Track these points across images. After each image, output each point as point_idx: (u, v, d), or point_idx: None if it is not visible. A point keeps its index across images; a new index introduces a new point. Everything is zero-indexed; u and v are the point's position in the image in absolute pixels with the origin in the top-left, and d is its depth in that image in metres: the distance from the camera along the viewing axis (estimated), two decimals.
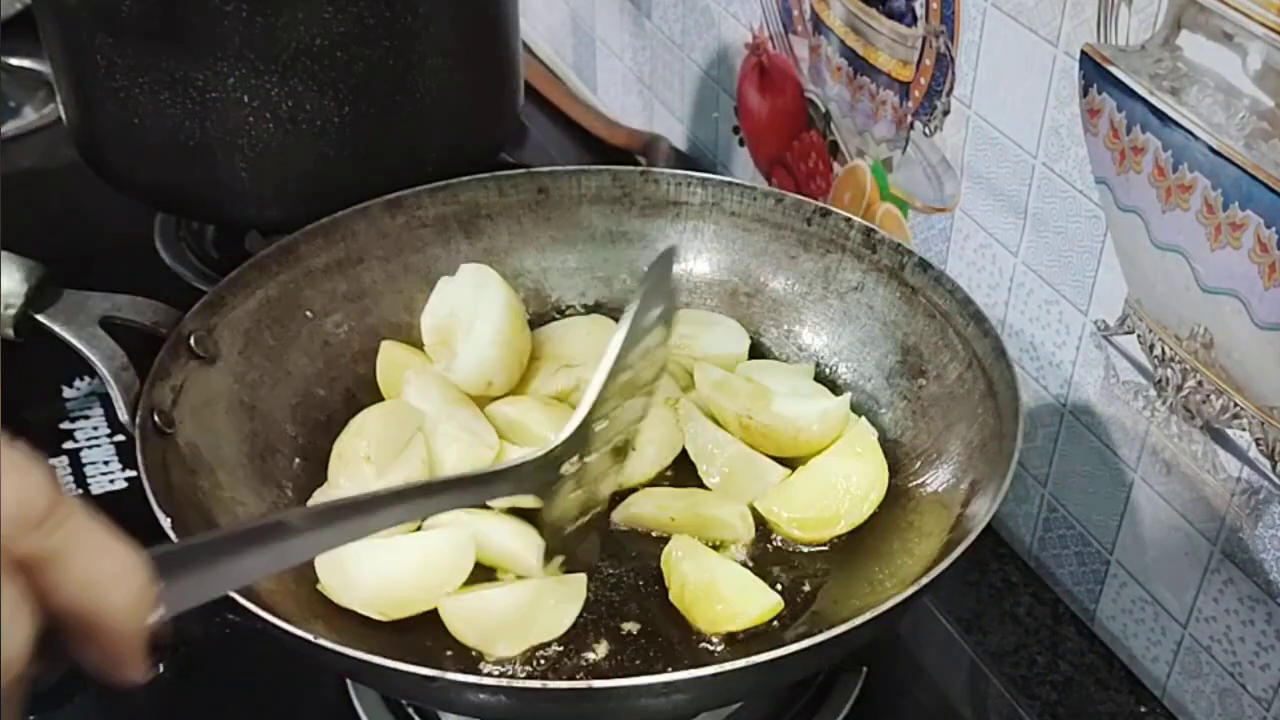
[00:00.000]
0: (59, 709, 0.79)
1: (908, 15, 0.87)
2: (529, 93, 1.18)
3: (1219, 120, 0.65)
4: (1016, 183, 0.81)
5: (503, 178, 0.92)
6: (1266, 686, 0.73)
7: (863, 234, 0.87)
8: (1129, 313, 0.76)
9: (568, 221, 0.93)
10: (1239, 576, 0.73)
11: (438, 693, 0.64)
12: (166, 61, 0.89)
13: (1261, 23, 0.62)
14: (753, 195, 0.91)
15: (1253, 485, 0.70)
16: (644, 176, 0.92)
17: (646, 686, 0.60)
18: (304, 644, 0.61)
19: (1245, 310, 0.67)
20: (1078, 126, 0.75)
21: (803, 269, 0.90)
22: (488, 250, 0.92)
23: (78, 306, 0.79)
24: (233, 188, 0.94)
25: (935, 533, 0.74)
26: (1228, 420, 0.70)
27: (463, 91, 1.00)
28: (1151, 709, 0.80)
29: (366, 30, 0.91)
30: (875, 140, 0.94)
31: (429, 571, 0.72)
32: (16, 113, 1.30)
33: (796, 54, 1.01)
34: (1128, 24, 0.70)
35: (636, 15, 1.23)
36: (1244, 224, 0.65)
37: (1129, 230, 0.73)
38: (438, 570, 0.73)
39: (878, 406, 0.85)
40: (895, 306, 0.86)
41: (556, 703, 0.62)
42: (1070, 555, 0.85)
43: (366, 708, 0.76)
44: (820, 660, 0.71)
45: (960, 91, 0.84)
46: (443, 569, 0.73)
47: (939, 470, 0.79)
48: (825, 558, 0.77)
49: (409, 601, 0.72)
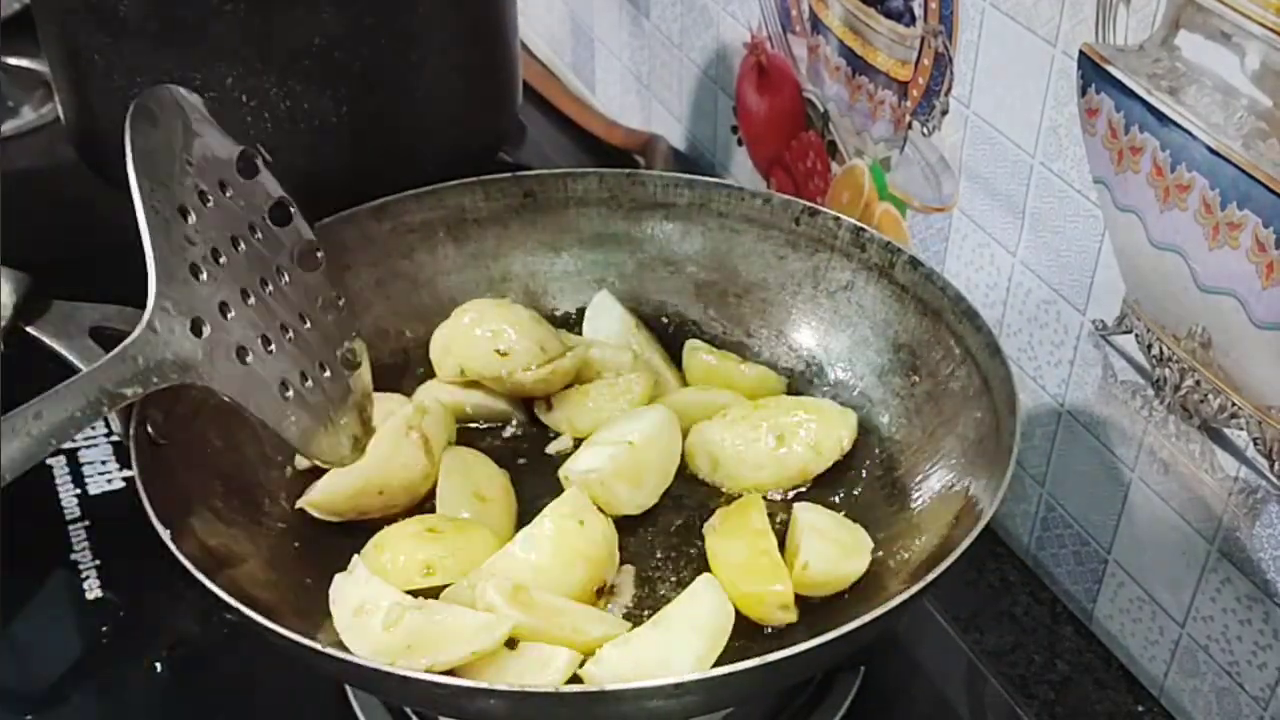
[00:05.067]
0: (59, 709, 0.79)
1: (906, 15, 0.87)
2: (527, 92, 1.19)
3: (1217, 120, 0.66)
4: (1015, 182, 0.81)
5: (489, 181, 0.92)
6: (1264, 685, 0.73)
7: (851, 233, 0.87)
8: (1127, 312, 0.76)
9: (555, 225, 0.93)
10: (1236, 576, 0.73)
11: (446, 699, 0.64)
12: (164, 61, 0.89)
13: (1260, 22, 0.62)
14: (740, 196, 0.91)
15: (1250, 485, 0.70)
16: (631, 178, 0.92)
17: (656, 688, 0.60)
18: (306, 651, 0.61)
19: (1243, 310, 0.67)
20: (1076, 126, 0.75)
21: (791, 269, 0.90)
22: (475, 255, 0.92)
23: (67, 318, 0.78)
24: None
25: (934, 531, 0.74)
26: (1225, 420, 0.71)
27: (461, 91, 1.00)
28: (1149, 708, 0.80)
29: (364, 30, 0.91)
30: (873, 140, 0.94)
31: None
32: (15, 112, 1.30)
33: (795, 54, 1.01)
34: (1126, 24, 0.70)
35: (635, 15, 1.23)
36: (1242, 223, 0.65)
37: (1127, 230, 0.73)
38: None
39: (872, 406, 0.85)
40: (886, 305, 0.85)
41: (566, 706, 0.62)
42: (1068, 554, 0.85)
43: (364, 707, 0.76)
44: (822, 661, 0.71)
45: (958, 91, 0.84)
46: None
47: (936, 469, 0.79)
48: None
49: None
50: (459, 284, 0.92)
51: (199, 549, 0.68)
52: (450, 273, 0.92)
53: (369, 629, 0.67)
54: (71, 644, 0.82)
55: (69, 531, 0.87)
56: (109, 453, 0.93)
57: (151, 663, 0.80)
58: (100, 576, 0.84)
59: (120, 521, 0.81)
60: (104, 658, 0.81)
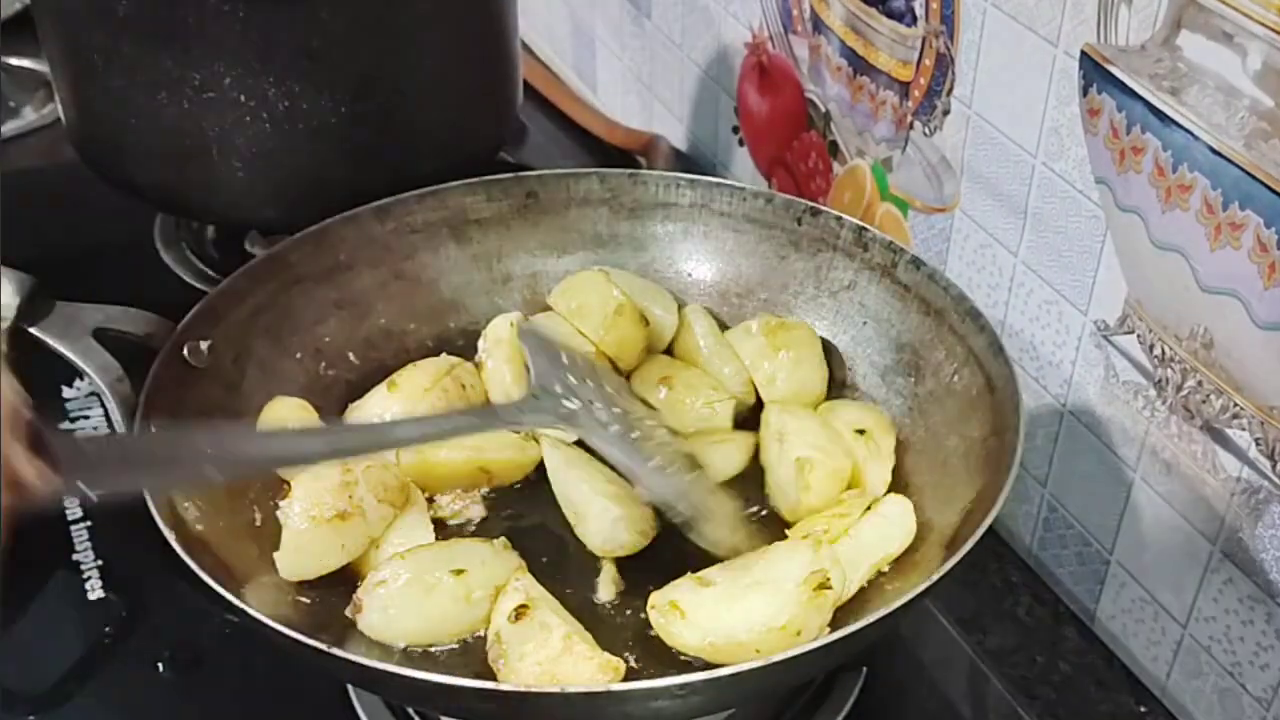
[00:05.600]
0: (62, 709, 0.79)
1: (908, 15, 0.87)
2: (528, 92, 1.18)
3: (1219, 120, 0.65)
4: (1016, 183, 0.81)
5: (491, 182, 0.92)
6: (1266, 686, 0.73)
7: (854, 232, 0.87)
8: (1129, 313, 0.75)
9: (557, 225, 0.93)
10: (1239, 576, 0.73)
11: (448, 699, 0.64)
12: (164, 61, 0.89)
13: (1261, 23, 0.62)
14: (742, 196, 0.91)
15: (1252, 485, 0.70)
16: (632, 179, 0.92)
17: (663, 689, 0.60)
18: (310, 651, 0.61)
19: (1245, 310, 0.67)
20: (1078, 126, 0.75)
21: (794, 268, 0.90)
22: (477, 255, 0.92)
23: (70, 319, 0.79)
24: (230, 187, 0.94)
25: (937, 531, 0.74)
26: (1227, 420, 0.70)
27: (461, 91, 1.00)
28: (1151, 709, 0.80)
29: (364, 30, 0.91)
30: (875, 140, 0.94)
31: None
32: (16, 113, 1.30)
33: (796, 54, 1.01)
34: (1128, 24, 0.70)
35: (636, 15, 1.23)
36: (1244, 224, 0.65)
37: (1129, 230, 0.73)
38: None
39: (874, 406, 0.85)
40: (888, 304, 0.85)
41: (570, 706, 0.62)
42: (1070, 555, 0.85)
43: (366, 706, 0.76)
44: (825, 661, 0.71)
45: (960, 91, 0.84)
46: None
47: (940, 468, 0.79)
48: None
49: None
50: (461, 284, 0.92)
51: (201, 549, 0.68)
52: (452, 273, 0.92)
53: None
54: (74, 644, 0.82)
55: (71, 532, 0.87)
56: None
57: (154, 663, 0.80)
58: (102, 577, 0.84)
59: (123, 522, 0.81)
60: (106, 658, 0.81)
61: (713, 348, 0.87)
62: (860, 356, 0.87)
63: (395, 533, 0.75)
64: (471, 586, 0.70)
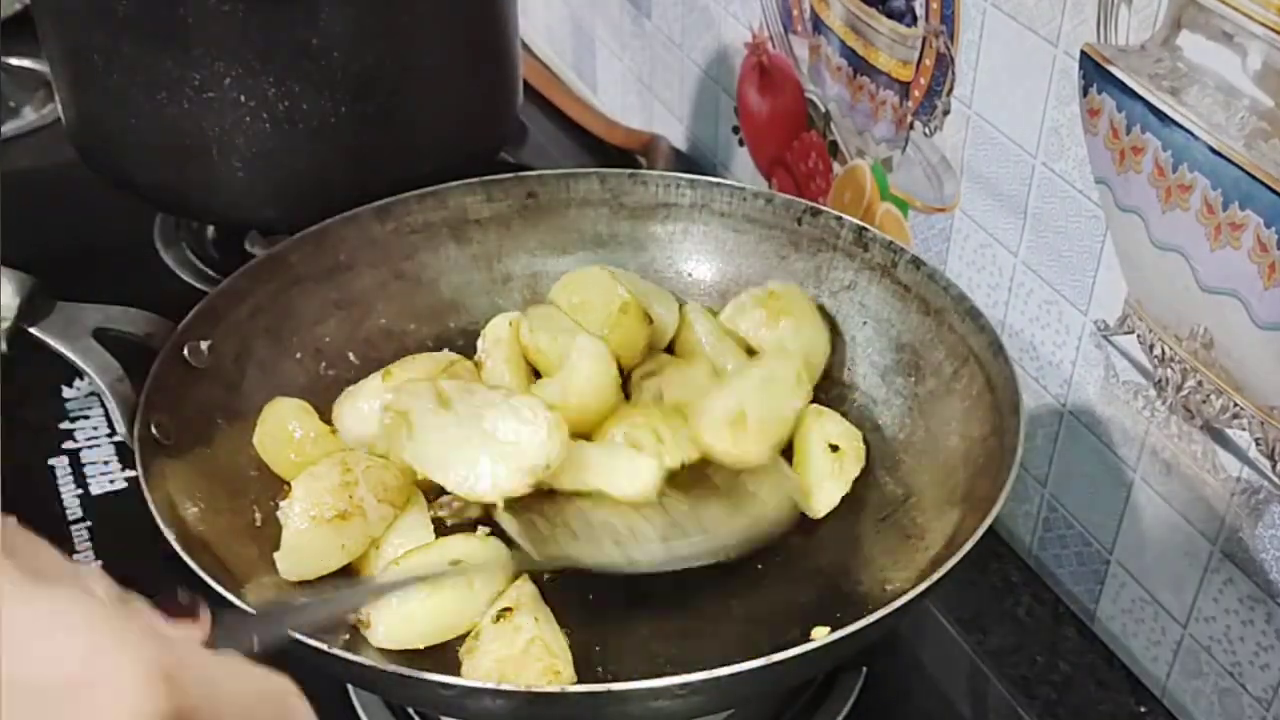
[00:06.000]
0: None
1: (908, 15, 0.87)
2: (528, 92, 1.19)
3: (1219, 120, 0.65)
4: (1016, 183, 0.81)
5: (491, 182, 0.92)
6: (1266, 686, 0.73)
7: (854, 232, 0.87)
8: (1129, 313, 0.76)
9: (557, 225, 0.93)
10: (1239, 576, 0.73)
11: (449, 699, 0.64)
12: (164, 61, 0.89)
13: (1261, 23, 0.62)
14: (742, 195, 0.91)
15: (1252, 485, 0.70)
16: (632, 179, 0.92)
17: (663, 689, 0.60)
18: (311, 651, 0.61)
19: (1245, 310, 0.67)
20: (1077, 126, 0.75)
21: (794, 268, 0.90)
22: (477, 256, 0.92)
23: (71, 319, 0.79)
24: (229, 187, 0.94)
25: (937, 531, 0.74)
26: (1227, 420, 0.70)
27: (461, 91, 1.00)
28: (1151, 709, 0.80)
29: (364, 30, 0.91)
30: (875, 140, 0.94)
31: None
32: (16, 113, 1.30)
33: (796, 54, 1.01)
34: (1128, 24, 0.70)
35: (636, 15, 1.23)
36: (1244, 224, 0.65)
37: (1129, 230, 0.73)
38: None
39: (875, 405, 0.85)
40: (888, 305, 0.85)
41: (571, 706, 0.62)
42: (1070, 555, 0.85)
43: (366, 707, 0.76)
44: (825, 661, 0.71)
45: (960, 91, 0.84)
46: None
47: (940, 468, 0.79)
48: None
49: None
50: (461, 284, 0.92)
51: (201, 549, 0.68)
52: (452, 273, 0.92)
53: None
54: None
55: (71, 532, 0.87)
56: (111, 453, 0.93)
57: None
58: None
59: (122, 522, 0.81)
60: None
61: (715, 345, 0.87)
62: (860, 356, 0.87)
63: (395, 533, 0.74)
64: (475, 587, 0.71)
